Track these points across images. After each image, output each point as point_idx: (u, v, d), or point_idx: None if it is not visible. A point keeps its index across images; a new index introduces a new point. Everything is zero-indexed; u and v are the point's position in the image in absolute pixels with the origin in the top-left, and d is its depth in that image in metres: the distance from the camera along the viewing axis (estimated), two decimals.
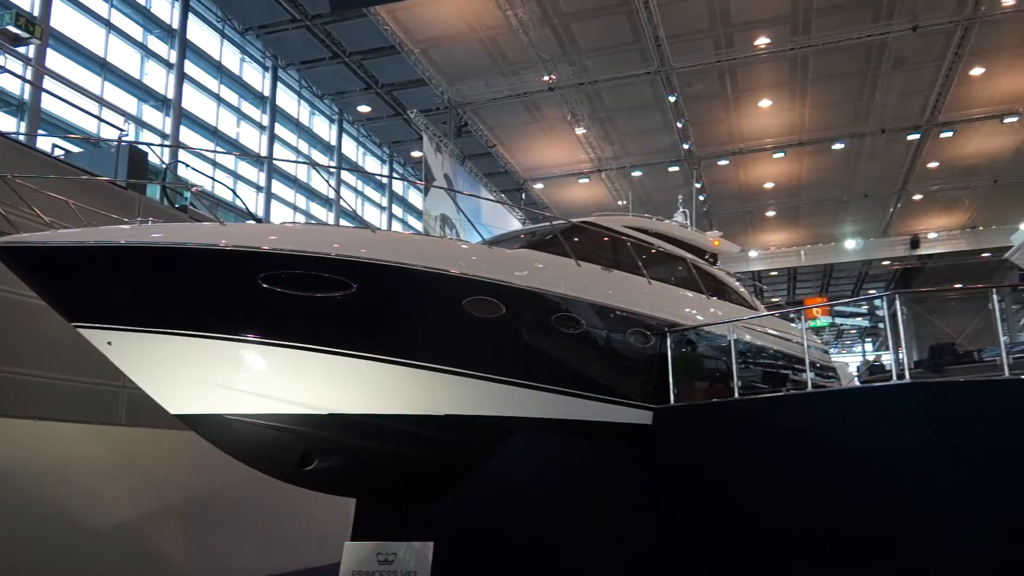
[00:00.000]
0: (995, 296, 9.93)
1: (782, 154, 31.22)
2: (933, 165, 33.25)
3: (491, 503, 9.53)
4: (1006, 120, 28.77)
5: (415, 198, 35.64)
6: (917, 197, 36.67)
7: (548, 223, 11.58)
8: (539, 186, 34.75)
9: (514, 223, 30.75)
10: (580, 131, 28.70)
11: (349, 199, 31.00)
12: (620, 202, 33.85)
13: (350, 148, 31.73)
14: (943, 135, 29.97)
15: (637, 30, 22.89)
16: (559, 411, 9.77)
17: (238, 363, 8.17)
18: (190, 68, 23.01)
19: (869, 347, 64.08)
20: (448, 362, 9.06)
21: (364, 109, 29.94)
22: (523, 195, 34.72)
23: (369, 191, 33.11)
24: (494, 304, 9.14)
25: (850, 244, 42.11)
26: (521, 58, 24.35)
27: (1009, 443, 8.66)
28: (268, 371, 8.33)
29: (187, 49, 22.75)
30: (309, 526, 13.00)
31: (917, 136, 30.01)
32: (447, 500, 9.47)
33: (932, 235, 40.79)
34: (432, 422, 9.08)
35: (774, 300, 49.55)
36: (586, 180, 33.60)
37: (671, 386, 10.96)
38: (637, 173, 33.03)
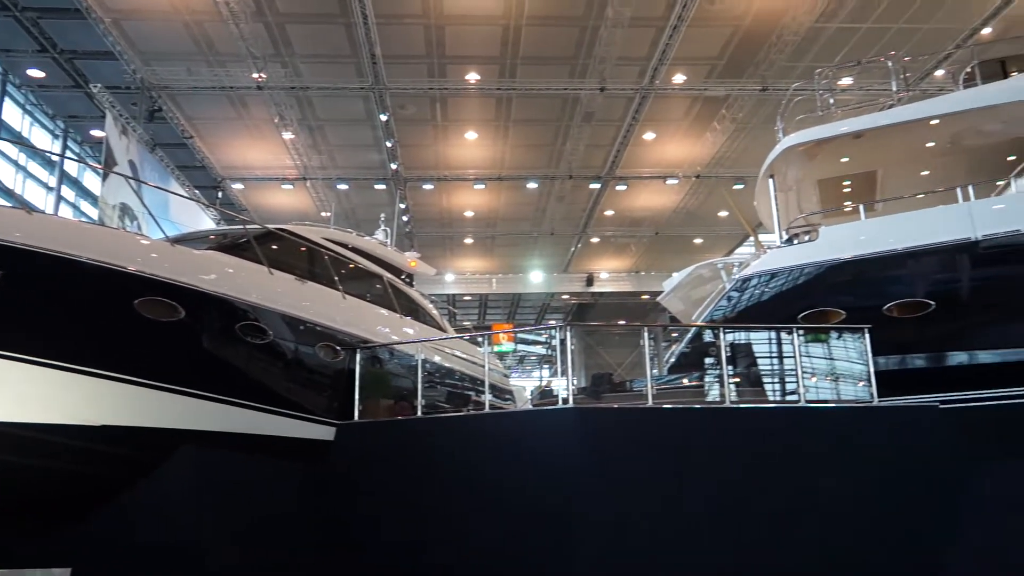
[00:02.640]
0: (646, 334, 11.34)
1: (483, 186, 32.96)
2: (609, 213, 37.26)
3: (149, 524, 8.71)
4: (668, 182, 33.22)
5: (92, 182, 31.78)
6: (595, 240, 40.77)
7: (242, 227, 11.01)
8: (238, 186, 32.95)
9: (207, 222, 28.78)
10: (288, 136, 27.79)
11: (7, 174, 26.75)
12: (324, 213, 33.27)
13: (13, 115, 27.40)
14: (618, 188, 33.71)
15: (355, 44, 22.83)
16: (235, 424, 9.25)
17: None
18: None
19: (546, 372, 69.49)
20: (112, 367, 8.18)
21: (36, 74, 26.07)
22: (219, 194, 32.63)
23: (35, 167, 28.86)
24: (171, 307, 8.44)
25: (536, 277, 45.55)
26: (230, 50, 23.00)
27: (648, 460, 9.92)
28: None
29: None
30: None
31: (598, 185, 33.45)
32: (97, 521, 8.48)
33: (604, 275, 45.58)
34: (87, 434, 8.09)
35: (465, 324, 51.85)
36: (290, 187, 32.56)
37: (356, 402, 10.94)
38: (343, 186, 32.77)
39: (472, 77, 25.04)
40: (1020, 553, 9.57)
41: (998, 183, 11.79)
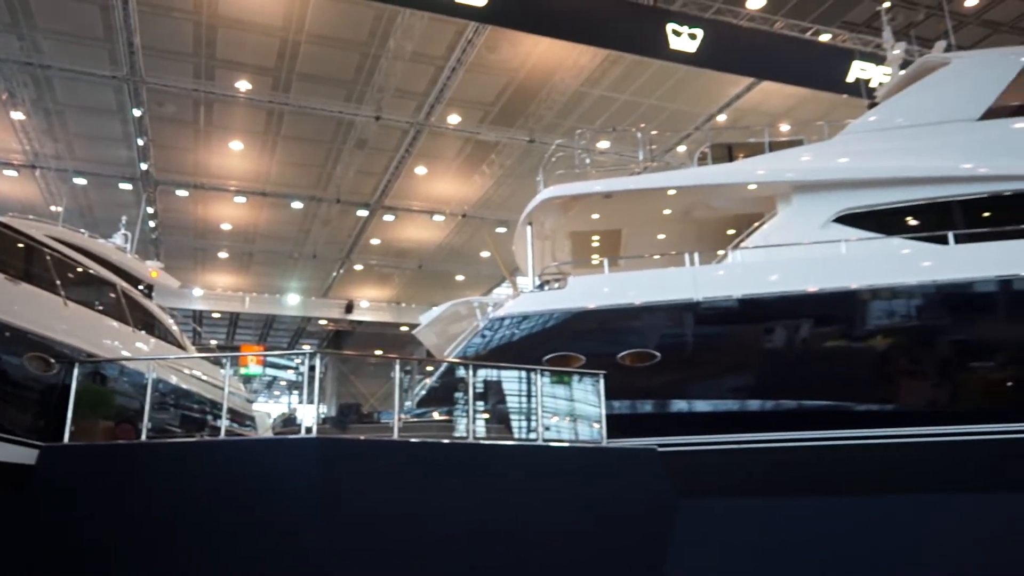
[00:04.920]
0: (397, 366, 11.30)
1: (244, 199, 31.36)
2: (375, 242, 37.10)
3: None
4: (435, 217, 33.82)
5: None
6: (358, 267, 40.31)
7: None
8: None
9: None
10: (18, 116, 24.60)
11: None
12: (54, 208, 29.71)
13: None
14: (386, 217, 33.70)
15: (110, 28, 20.84)
16: None
17: None
18: None
19: (296, 399, 67.03)
20: None
21: None
22: None
23: None
24: None
25: (293, 299, 44.03)
26: None
27: (392, 492, 9.83)
28: None
29: None
30: None
31: (366, 213, 33.19)
32: None
33: (364, 303, 45.16)
34: None
35: (212, 343, 48.74)
36: (14, 173, 28.68)
37: (68, 422, 9.75)
38: (81, 181, 29.47)
39: (243, 86, 23.91)
40: None
41: (719, 252, 13.31)
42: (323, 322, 46.45)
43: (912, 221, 12.33)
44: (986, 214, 12.08)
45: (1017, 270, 11.15)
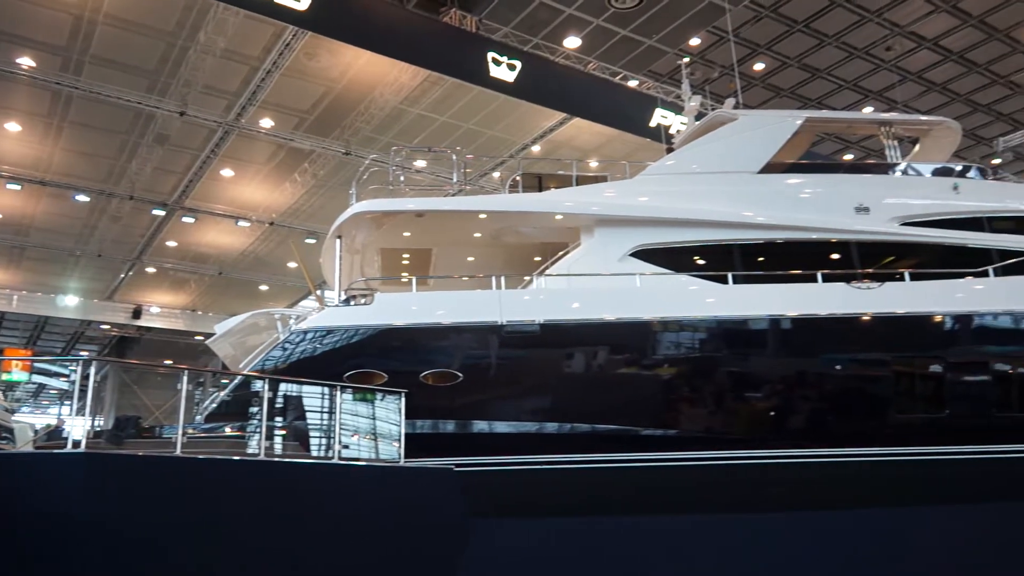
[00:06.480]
0: (184, 378, 10.57)
1: (18, 187, 28.11)
2: (171, 244, 34.74)
3: None
4: (240, 223, 32.23)
5: None
6: (150, 270, 37.51)
7: None
8: None
9: None
10: None
11: None
12: None
13: None
14: (185, 219, 31.62)
15: None
16: None
17: None
18: None
19: (68, 410, 61.15)
20: None
21: None
22: None
23: None
24: None
25: (72, 300, 40.08)
26: None
27: (174, 514, 9.14)
28: None
29: None
30: None
31: (162, 213, 30.98)
32: None
33: (155, 309, 42.06)
34: None
35: None
36: None
37: None
38: None
39: (25, 62, 21.60)
40: None
41: (526, 278, 13.72)
42: (106, 327, 42.63)
43: (699, 260, 13.40)
44: (760, 258, 13.40)
45: (784, 310, 12.43)
